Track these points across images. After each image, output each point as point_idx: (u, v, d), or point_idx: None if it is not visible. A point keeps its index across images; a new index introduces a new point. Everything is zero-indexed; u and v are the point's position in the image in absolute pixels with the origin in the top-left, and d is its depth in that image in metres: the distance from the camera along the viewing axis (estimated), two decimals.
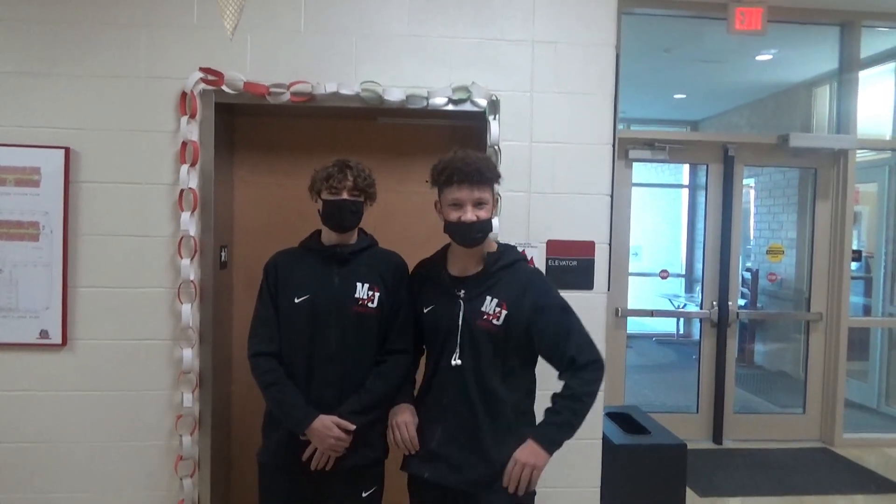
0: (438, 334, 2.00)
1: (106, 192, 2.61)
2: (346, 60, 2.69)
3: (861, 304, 6.00)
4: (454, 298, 1.98)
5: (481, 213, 1.92)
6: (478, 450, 1.93)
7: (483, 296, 1.96)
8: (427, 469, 1.98)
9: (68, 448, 2.63)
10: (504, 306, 1.93)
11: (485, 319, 1.94)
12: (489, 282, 1.97)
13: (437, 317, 2.01)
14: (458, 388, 1.95)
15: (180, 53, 2.62)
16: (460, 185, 1.90)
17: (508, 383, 1.98)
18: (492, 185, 1.97)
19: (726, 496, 3.89)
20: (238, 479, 2.94)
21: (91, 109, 2.60)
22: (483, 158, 1.96)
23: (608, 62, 2.79)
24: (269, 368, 2.09)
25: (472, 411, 1.94)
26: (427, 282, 2.10)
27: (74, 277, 2.61)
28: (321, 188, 2.10)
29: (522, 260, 2.08)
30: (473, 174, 1.89)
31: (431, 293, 2.06)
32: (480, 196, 1.92)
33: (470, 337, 1.95)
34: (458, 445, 1.95)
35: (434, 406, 2.01)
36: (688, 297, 7.70)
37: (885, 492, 3.99)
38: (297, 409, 2.05)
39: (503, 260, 2.01)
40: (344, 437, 2.03)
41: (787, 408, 5.41)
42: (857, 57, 4.87)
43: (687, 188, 8.78)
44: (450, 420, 1.96)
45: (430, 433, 2.00)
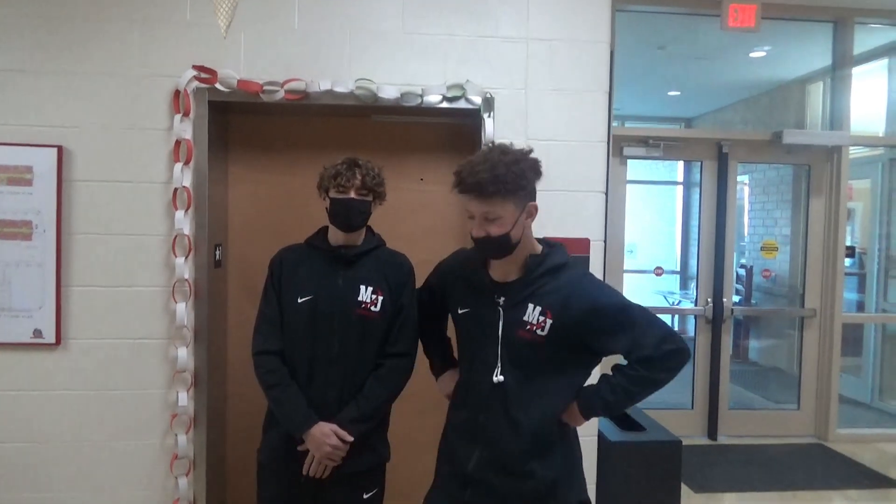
0: (473, 343, 1.83)
1: (99, 191, 2.60)
2: (341, 58, 2.68)
3: (855, 300, 6.02)
4: (493, 305, 1.78)
5: (492, 228, 1.69)
6: (522, 473, 1.75)
7: (525, 303, 1.75)
8: (465, 493, 1.80)
9: (63, 448, 2.62)
10: (549, 314, 1.72)
11: (527, 329, 1.73)
12: (531, 288, 1.76)
13: (473, 321, 1.83)
14: (499, 408, 1.76)
15: (174, 51, 2.61)
16: (466, 196, 1.70)
17: (563, 397, 1.79)
18: (505, 196, 1.66)
19: (721, 492, 3.90)
20: (234, 477, 2.93)
21: (84, 107, 2.59)
22: (496, 164, 1.66)
23: (603, 59, 2.79)
24: (273, 368, 2.07)
25: (518, 435, 1.74)
26: (464, 280, 1.90)
27: (68, 276, 2.60)
28: (329, 186, 2.07)
29: (568, 264, 1.82)
30: (474, 187, 1.66)
31: (469, 294, 1.87)
32: (489, 210, 1.67)
33: (511, 350, 1.75)
34: (497, 469, 1.76)
35: (470, 425, 1.82)
36: (682, 294, 7.71)
37: (879, 487, 4.01)
38: (297, 412, 2.03)
39: (547, 263, 1.78)
40: (341, 446, 2.01)
41: (781, 403, 5.43)
42: (851, 53, 4.88)
43: (681, 185, 8.79)
44: (489, 442, 1.77)
45: (464, 454, 1.81)
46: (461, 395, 1.89)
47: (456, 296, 1.92)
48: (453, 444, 1.87)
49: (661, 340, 1.70)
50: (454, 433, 1.88)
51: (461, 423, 1.85)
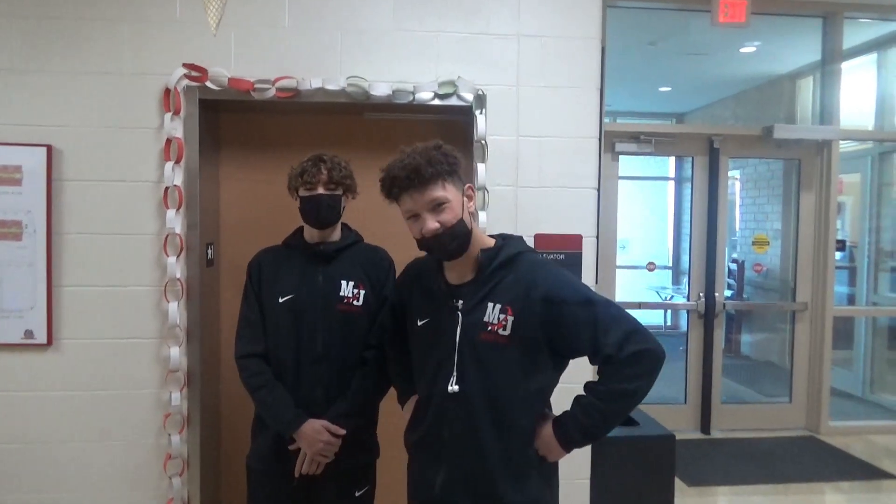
0: (433, 353, 1.66)
1: (90, 190, 2.58)
2: (332, 55, 2.67)
3: (845, 293, 6.06)
4: (452, 311, 1.64)
5: (444, 216, 1.56)
6: (493, 494, 1.59)
7: (483, 303, 1.60)
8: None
9: (56, 448, 2.61)
10: (510, 311, 1.58)
11: (489, 331, 1.58)
12: (488, 285, 1.62)
13: (433, 332, 1.67)
14: (462, 420, 1.61)
15: (163, 49, 2.59)
16: (405, 194, 1.58)
17: (532, 405, 1.64)
18: (445, 178, 1.57)
19: (714, 485, 3.92)
20: (227, 477, 2.93)
21: (73, 106, 2.57)
22: (423, 152, 1.58)
23: (594, 56, 2.79)
24: (257, 371, 2.06)
25: (481, 448, 1.59)
26: (421, 290, 1.76)
27: (59, 276, 2.58)
28: (297, 185, 2.07)
29: (526, 251, 1.69)
30: (412, 177, 1.54)
31: (426, 304, 1.72)
32: (434, 196, 1.55)
33: (473, 356, 1.60)
34: (467, 490, 1.61)
35: (432, 442, 1.66)
36: (675, 289, 7.75)
37: (870, 478, 4.04)
38: (286, 412, 2.02)
39: (501, 256, 1.64)
40: (334, 441, 2.00)
41: (773, 397, 5.46)
42: (840, 48, 4.91)
43: (673, 181, 8.82)
44: (454, 460, 1.62)
45: (429, 475, 1.66)
46: (419, 412, 1.73)
47: (414, 308, 1.76)
48: (417, 465, 1.73)
49: (624, 338, 1.54)
50: (417, 453, 1.74)
51: (422, 440, 1.70)
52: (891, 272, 5.97)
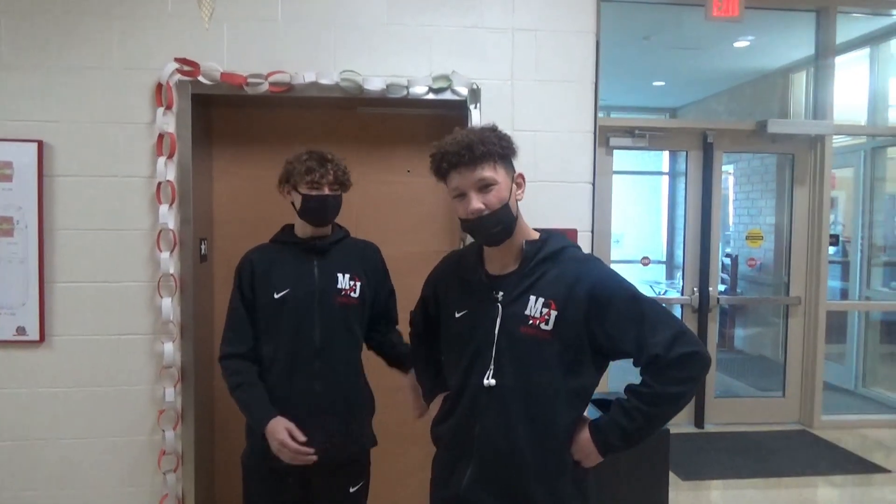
0: (469, 345, 1.60)
1: (81, 186, 2.57)
2: (325, 50, 2.66)
3: (838, 287, 6.09)
4: (492, 302, 1.58)
5: (489, 197, 1.52)
6: (522, 495, 1.53)
7: (525, 296, 1.55)
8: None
9: (49, 445, 2.60)
10: (553, 306, 1.52)
11: (530, 325, 1.53)
12: (531, 278, 1.57)
13: (472, 324, 1.62)
14: (496, 416, 1.55)
15: (155, 44, 2.57)
16: (454, 171, 1.54)
17: (571, 405, 1.57)
18: (496, 160, 1.54)
19: (708, 479, 3.94)
20: (222, 472, 2.92)
21: (64, 102, 2.55)
22: (478, 131, 1.57)
23: (588, 50, 2.79)
24: (236, 370, 2.06)
25: (514, 447, 1.53)
26: (460, 280, 1.70)
27: (51, 273, 2.57)
28: (299, 182, 2.04)
29: (572, 246, 1.65)
30: (464, 152, 1.51)
31: (465, 295, 1.66)
32: (482, 176, 1.52)
33: (512, 350, 1.55)
34: (495, 489, 1.55)
35: (461, 437, 1.60)
36: (669, 284, 7.76)
37: (862, 472, 4.06)
38: (258, 409, 2.02)
39: (547, 249, 1.60)
40: (288, 443, 1.95)
41: (766, 391, 5.49)
42: (833, 43, 4.92)
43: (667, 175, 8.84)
44: (484, 457, 1.56)
45: (456, 471, 1.60)
46: (449, 404, 1.67)
47: (452, 300, 1.71)
48: (445, 461, 1.67)
49: (673, 339, 1.47)
50: (445, 448, 1.68)
51: (452, 434, 1.64)
52: (883, 267, 6.00)
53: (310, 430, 2.02)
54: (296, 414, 2.04)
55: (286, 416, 2.03)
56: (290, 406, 2.05)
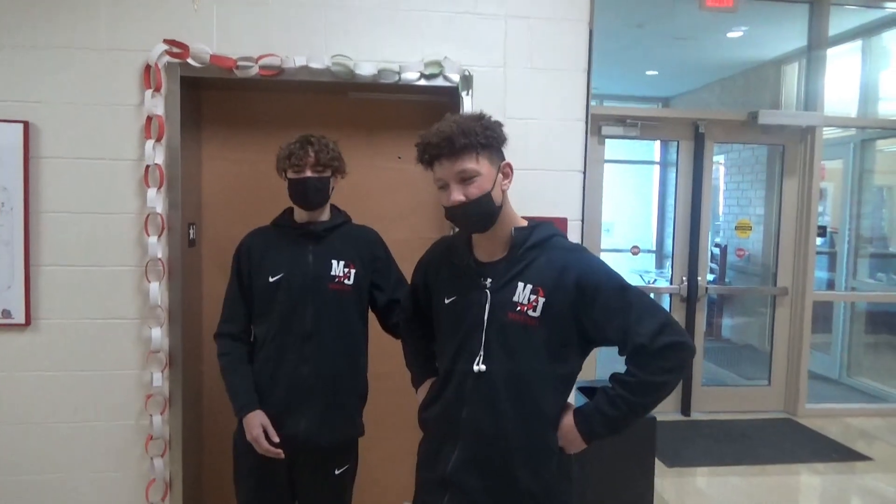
0: (458, 331, 1.63)
1: (68, 168, 2.54)
2: (316, 33, 2.63)
3: (825, 278, 6.14)
4: (480, 289, 1.60)
5: (471, 189, 1.53)
6: (507, 477, 1.56)
7: (513, 282, 1.57)
8: (444, 499, 1.62)
9: (35, 429, 2.59)
10: (541, 293, 1.54)
11: (517, 311, 1.55)
12: (520, 264, 1.59)
13: (460, 310, 1.64)
14: (483, 401, 1.57)
15: (143, 25, 2.54)
16: (436, 162, 1.56)
17: (557, 390, 1.61)
18: (479, 151, 1.54)
19: (693, 466, 3.98)
20: (210, 457, 2.92)
21: (51, 82, 2.51)
22: (461, 122, 1.55)
23: (582, 38, 2.77)
24: (225, 351, 2.14)
25: (502, 429, 1.56)
26: (449, 267, 1.72)
27: (37, 255, 2.54)
28: (285, 167, 2.07)
29: (559, 235, 1.67)
30: (445, 145, 1.52)
31: (454, 281, 1.68)
32: (463, 168, 1.52)
33: (500, 336, 1.57)
34: (480, 472, 1.58)
35: (448, 421, 1.63)
36: (658, 273, 7.80)
37: (845, 459, 4.12)
38: (240, 396, 2.09)
39: (535, 237, 1.62)
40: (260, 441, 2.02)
41: (753, 380, 5.55)
42: (826, 35, 4.93)
43: (658, 165, 8.85)
44: (470, 440, 1.59)
45: (442, 454, 1.63)
46: (437, 389, 1.70)
47: (441, 286, 1.72)
48: (431, 444, 1.70)
49: (658, 329, 1.49)
50: (431, 432, 1.71)
51: (438, 418, 1.67)
52: (870, 258, 6.05)
53: (294, 412, 2.08)
54: (282, 396, 2.07)
55: (272, 398, 2.07)
56: (276, 388, 2.09)
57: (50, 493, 2.61)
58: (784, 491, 3.72)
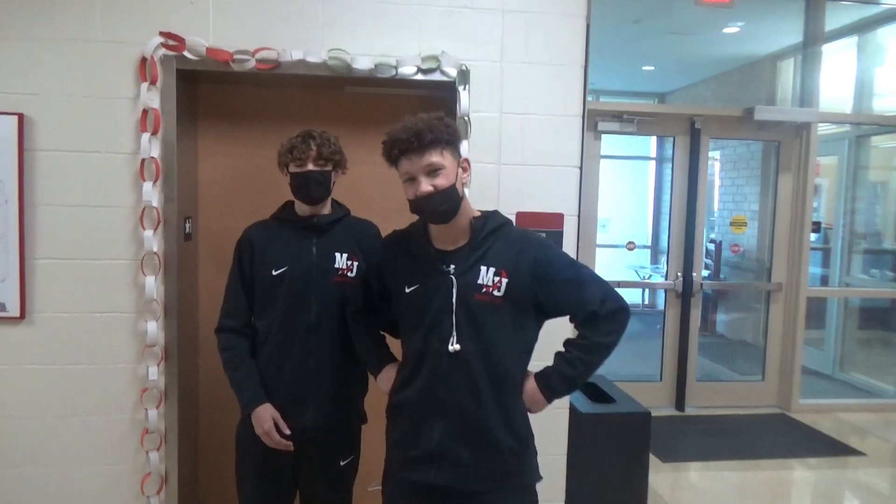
0: (425, 316, 1.75)
1: (63, 161, 2.52)
2: (313, 27, 2.62)
3: (819, 274, 6.17)
4: (443, 275, 1.73)
5: (438, 180, 1.67)
6: (488, 443, 1.73)
7: (476, 267, 1.73)
8: (430, 472, 1.74)
9: (30, 423, 2.58)
10: (504, 274, 1.71)
11: (483, 293, 1.71)
12: (480, 250, 1.74)
13: (425, 297, 1.76)
14: (461, 377, 1.72)
15: (139, 17, 2.52)
16: (404, 157, 1.69)
17: (521, 358, 1.80)
18: (443, 146, 1.69)
19: (687, 461, 4.01)
20: (205, 451, 2.92)
21: (46, 74, 2.50)
22: (426, 119, 1.69)
23: (579, 33, 2.77)
24: (228, 346, 2.13)
25: (480, 401, 1.72)
26: (407, 257, 1.84)
27: (32, 249, 2.53)
28: (287, 161, 2.08)
29: (509, 222, 1.84)
30: (413, 139, 1.65)
31: (415, 271, 1.80)
32: (430, 162, 1.66)
33: (469, 316, 1.71)
34: (465, 442, 1.73)
35: (427, 400, 1.75)
36: (653, 269, 7.83)
37: (838, 454, 4.15)
38: (246, 391, 2.09)
39: (490, 224, 1.78)
40: (273, 435, 2.04)
41: (746, 375, 5.58)
42: (822, 31, 4.94)
43: (654, 160, 8.87)
44: (452, 415, 1.73)
45: (423, 431, 1.75)
46: (410, 372, 1.80)
47: (400, 276, 1.83)
48: (410, 424, 1.79)
49: (605, 298, 1.73)
50: (408, 413, 1.80)
51: (415, 400, 1.77)
52: (863, 254, 6.08)
53: (301, 405, 2.09)
54: (289, 389, 2.08)
55: (279, 391, 2.08)
56: (283, 381, 2.10)
57: (45, 486, 2.61)
58: (777, 486, 3.75)
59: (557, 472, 2.81)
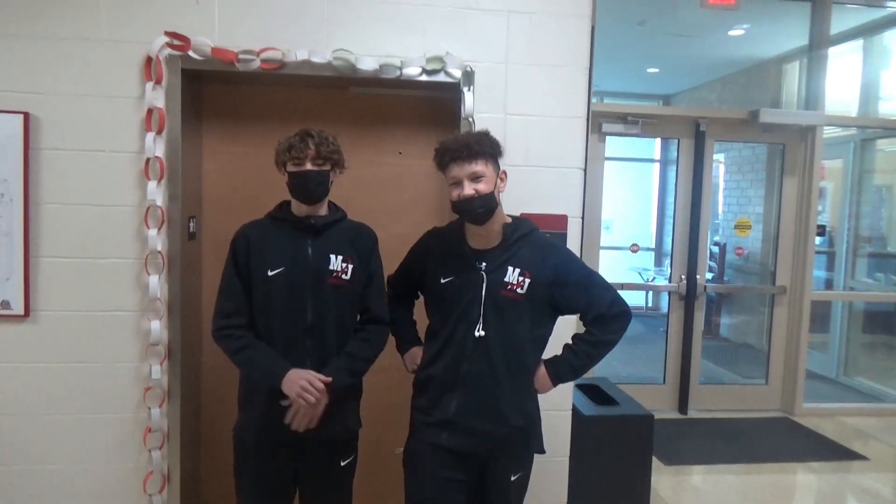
0: (457, 305, 2.03)
1: (68, 160, 2.53)
2: (318, 27, 2.62)
3: (823, 277, 6.15)
4: (476, 271, 2.02)
5: (479, 186, 1.94)
6: (497, 417, 2.01)
7: (505, 266, 2.01)
8: (443, 436, 2.03)
9: (33, 421, 2.59)
10: (527, 275, 2.00)
11: (508, 289, 2.00)
12: (509, 252, 2.03)
13: (458, 288, 2.04)
14: (482, 359, 2.00)
15: (145, 16, 2.53)
16: (454, 163, 1.95)
17: (536, 349, 2.09)
18: (487, 158, 1.98)
19: (690, 464, 4.00)
20: (208, 450, 2.93)
21: (51, 73, 2.51)
22: (475, 134, 2.02)
23: (583, 34, 2.77)
24: (235, 335, 2.06)
25: (496, 381, 2.01)
26: (445, 253, 2.11)
27: (37, 247, 2.54)
28: (285, 160, 2.06)
29: (536, 229, 2.13)
30: (463, 150, 1.94)
31: (451, 265, 2.08)
32: (474, 170, 1.94)
33: (494, 308, 1.99)
34: (476, 413, 2.01)
35: (450, 375, 2.03)
36: (657, 271, 7.81)
37: (841, 459, 4.13)
38: (271, 363, 2.03)
39: (520, 230, 2.06)
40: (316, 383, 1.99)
41: (750, 379, 5.56)
42: (828, 33, 4.92)
43: (658, 163, 8.85)
44: (470, 389, 2.01)
45: (443, 402, 2.04)
46: (438, 350, 2.07)
47: (437, 268, 2.10)
48: (433, 395, 2.07)
49: (612, 302, 2.04)
50: (433, 385, 2.07)
51: (440, 374, 2.05)
52: (868, 258, 6.06)
53: None
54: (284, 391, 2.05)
55: (279, 392, 2.04)
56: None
57: (47, 484, 2.61)
58: (780, 489, 3.74)
59: (560, 473, 2.81)
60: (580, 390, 3.45)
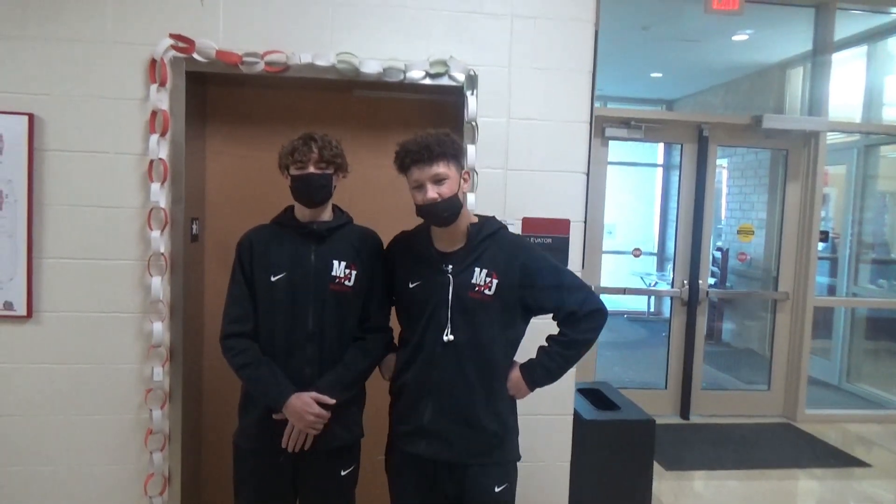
0: (425, 309, 1.97)
1: (72, 161, 2.54)
2: (322, 30, 2.63)
3: (826, 283, 6.14)
4: (442, 273, 1.96)
5: (443, 189, 1.88)
6: (472, 422, 1.95)
7: (471, 268, 1.95)
8: (421, 445, 1.97)
9: (34, 421, 2.59)
10: (494, 275, 1.94)
11: (476, 291, 1.94)
12: (475, 253, 1.96)
13: (425, 292, 1.98)
14: (452, 364, 1.94)
15: (149, 18, 2.53)
16: (415, 166, 1.90)
17: (507, 351, 2.02)
18: (449, 159, 1.91)
19: (692, 470, 3.99)
20: (209, 452, 2.93)
21: (56, 75, 2.51)
22: (435, 134, 1.91)
23: (587, 38, 2.77)
24: (242, 349, 2.05)
25: (468, 385, 1.95)
26: (411, 256, 2.06)
27: (40, 248, 2.54)
28: (288, 163, 2.05)
29: (503, 228, 2.06)
30: (423, 151, 1.88)
31: (417, 269, 2.02)
32: (437, 172, 1.88)
33: (463, 311, 1.94)
34: (450, 419, 1.95)
35: (422, 382, 1.98)
36: (659, 276, 7.80)
37: (843, 465, 4.12)
38: (273, 386, 2.01)
39: (485, 230, 2.00)
40: (324, 413, 1.99)
41: (752, 384, 5.55)
42: (831, 39, 4.92)
43: (661, 167, 8.85)
44: (442, 396, 1.96)
45: (418, 410, 1.98)
46: (409, 357, 2.02)
47: (405, 273, 2.06)
48: (406, 403, 2.02)
49: (584, 299, 1.97)
50: (406, 393, 2.02)
51: (412, 382, 2.00)
52: (871, 264, 6.05)
53: None
54: None
55: None
56: None
57: (48, 485, 2.61)
58: (782, 496, 3.72)
59: (561, 478, 2.80)
60: (581, 395, 3.45)
